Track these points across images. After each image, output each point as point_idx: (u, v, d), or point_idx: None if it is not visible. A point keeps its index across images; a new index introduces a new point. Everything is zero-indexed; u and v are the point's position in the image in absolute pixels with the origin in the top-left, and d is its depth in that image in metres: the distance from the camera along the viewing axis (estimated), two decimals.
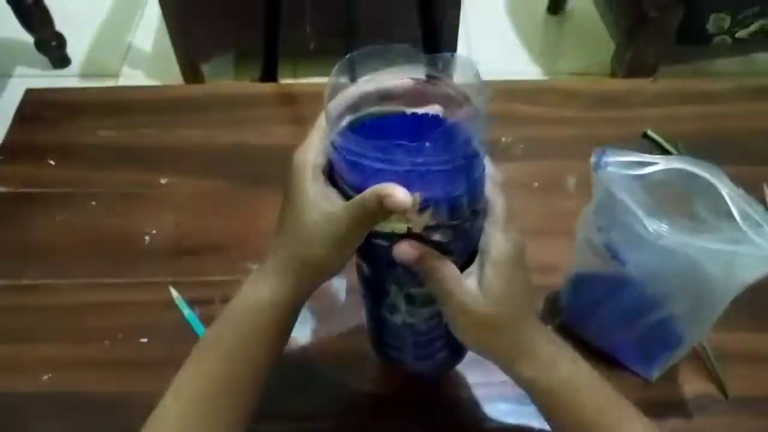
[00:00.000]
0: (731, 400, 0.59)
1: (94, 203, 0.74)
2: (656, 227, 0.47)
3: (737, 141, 0.81)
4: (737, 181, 0.77)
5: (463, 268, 0.42)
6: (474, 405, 0.60)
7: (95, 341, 0.63)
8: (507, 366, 0.45)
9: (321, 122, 0.44)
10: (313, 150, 0.43)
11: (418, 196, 0.37)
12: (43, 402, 0.59)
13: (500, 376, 0.60)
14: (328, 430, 0.58)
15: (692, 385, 0.60)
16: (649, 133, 0.80)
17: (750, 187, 0.75)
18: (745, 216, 0.46)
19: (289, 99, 0.87)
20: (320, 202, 0.40)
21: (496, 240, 0.41)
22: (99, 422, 0.58)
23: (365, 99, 0.42)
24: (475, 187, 0.41)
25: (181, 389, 0.45)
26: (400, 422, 0.58)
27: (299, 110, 0.86)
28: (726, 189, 0.48)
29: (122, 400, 0.59)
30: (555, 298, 0.65)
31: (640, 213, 0.48)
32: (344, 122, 0.42)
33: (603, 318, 0.59)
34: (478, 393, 0.60)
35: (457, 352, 0.54)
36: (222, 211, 0.74)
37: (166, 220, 0.73)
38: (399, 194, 0.36)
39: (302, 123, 0.83)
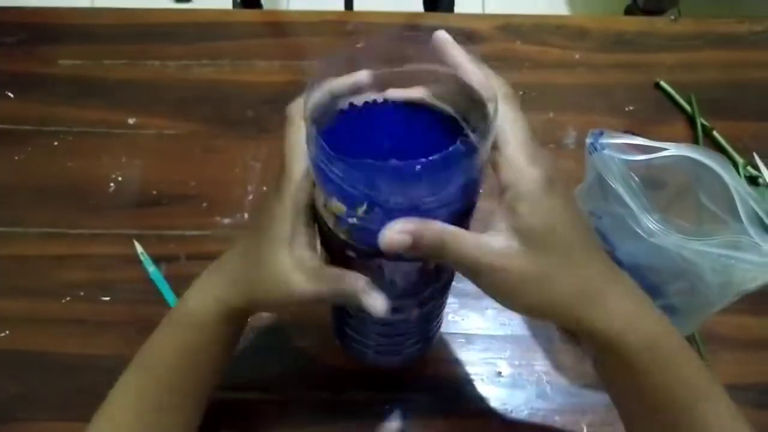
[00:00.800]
0: None
1: (56, 143, 0.69)
2: (649, 225, 0.43)
3: (757, 94, 0.74)
4: (755, 140, 0.72)
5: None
6: (447, 380, 0.57)
7: (54, 297, 0.60)
8: (576, 321, 0.34)
9: (294, 145, 0.36)
10: (296, 182, 0.35)
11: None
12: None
13: (473, 352, 0.59)
14: (298, 401, 0.56)
15: None
16: (662, 84, 0.73)
17: (763, 148, 0.70)
18: (752, 218, 0.42)
19: (274, 29, 0.79)
20: (284, 254, 0.35)
21: (519, 169, 0.31)
22: (57, 384, 0.57)
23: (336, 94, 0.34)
24: (474, 191, 0.34)
25: (128, 393, 0.43)
26: (372, 395, 0.56)
27: (285, 42, 0.78)
28: (735, 185, 0.43)
29: (83, 362, 0.58)
30: None
31: (633, 207, 0.43)
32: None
33: None
34: (452, 368, 0.58)
35: (427, 343, 0.51)
36: (194, 156, 0.69)
37: (133, 166, 0.68)
38: (379, 304, 0.33)
39: (288, 57, 0.76)
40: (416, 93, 0.34)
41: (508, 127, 0.32)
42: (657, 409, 0.36)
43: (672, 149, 0.45)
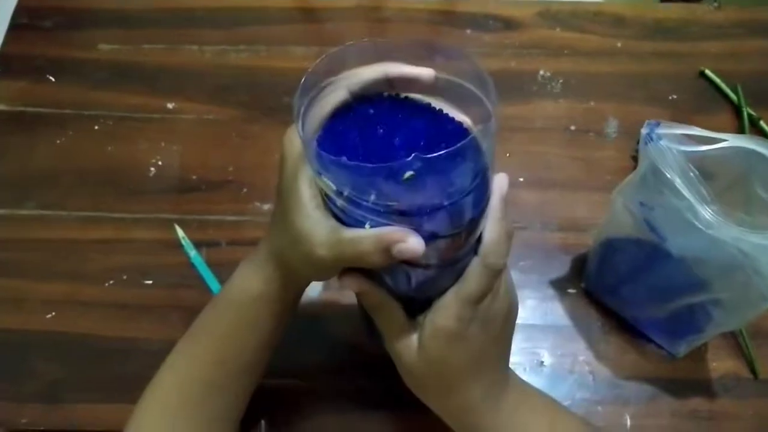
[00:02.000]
0: (760, 380, 0.56)
1: (96, 127, 0.69)
2: (708, 216, 0.42)
3: None
4: None
5: (424, 304, 0.37)
6: None
7: (97, 281, 0.61)
8: (438, 410, 0.42)
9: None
10: (299, 145, 0.36)
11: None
12: (44, 341, 0.58)
13: (515, 342, 0.58)
14: (334, 389, 0.56)
15: (721, 363, 0.57)
16: (707, 72, 0.72)
17: None
18: None
19: (310, 15, 0.79)
20: (310, 220, 0.34)
21: (446, 311, 0.35)
22: (100, 367, 0.57)
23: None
24: (479, 219, 0.34)
25: (178, 370, 0.44)
26: (395, 384, 0.56)
27: (321, 28, 0.78)
28: None
29: (124, 346, 0.58)
30: (581, 261, 0.61)
31: (691, 198, 0.42)
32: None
33: (633, 291, 0.55)
34: None
35: None
36: (232, 142, 0.69)
37: (172, 150, 0.68)
38: (412, 243, 0.31)
39: (324, 43, 0.76)
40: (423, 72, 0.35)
41: (471, 279, 0.35)
42: None
43: (730, 140, 0.44)
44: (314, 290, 0.60)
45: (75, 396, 0.56)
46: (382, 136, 0.34)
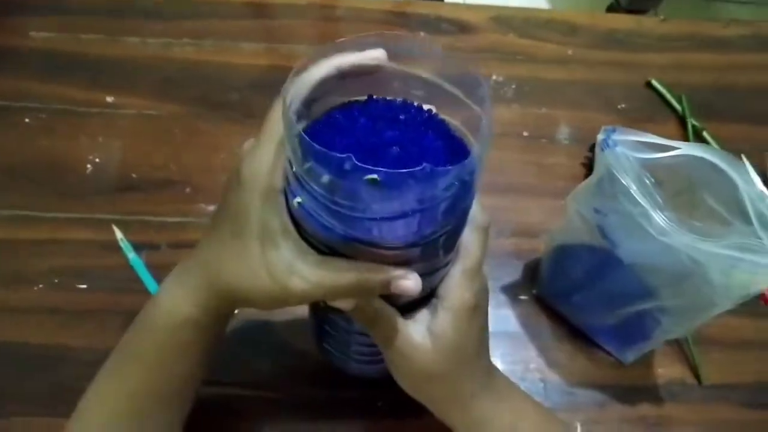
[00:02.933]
0: (704, 387, 0.57)
1: (27, 120, 0.65)
2: (661, 223, 0.42)
3: (745, 97, 0.75)
4: (744, 142, 0.73)
5: (405, 308, 0.36)
6: None
7: (27, 284, 0.57)
8: (441, 414, 0.41)
9: (273, 121, 0.34)
10: (268, 164, 0.32)
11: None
12: None
13: None
14: (288, 399, 0.54)
15: (667, 369, 0.58)
16: (653, 83, 0.73)
17: (752, 149, 0.71)
18: (764, 222, 0.41)
19: (260, 10, 0.77)
20: (280, 247, 0.32)
21: (461, 288, 0.36)
22: (30, 377, 0.53)
23: (325, 86, 0.32)
24: (459, 227, 0.33)
25: (105, 399, 0.40)
26: (363, 393, 0.55)
27: (271, 25, 0.76)
28: (747, 187, 0.42)
29: (57, 354, 0.54)
30: (534, 267, 0.61)
31: (646, 205, 0.42)
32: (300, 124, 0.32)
33: (584, 298, 0.55)
34: None
35: None
36: (175, 139, 0.65)
37: (111, 147, 0.64)
38: (411, 283, 0.32)
39: (274, 40, 0.74)
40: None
41: (472, 250, 0.35)
42: None
43: (684, 148, 0.44)
44: None
45: (6, 409, 0.52)
46: (375, 140, 0.31)
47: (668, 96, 0.72)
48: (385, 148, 0.30)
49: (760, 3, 1.86)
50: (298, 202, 0.30)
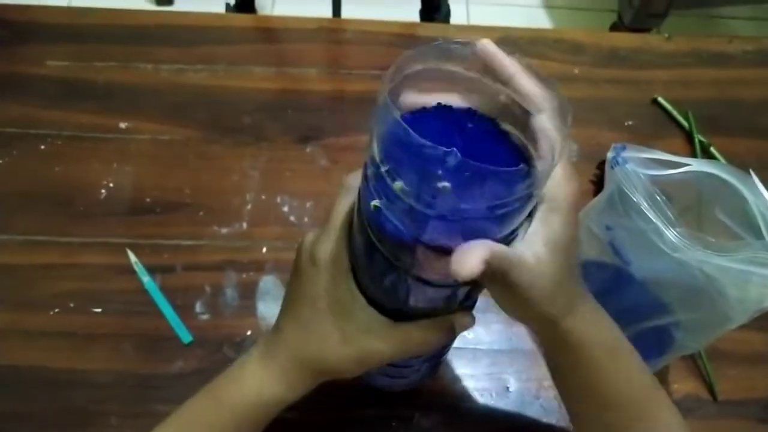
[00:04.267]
0: (720, 402, 0.57)
1: (43, 147, 0.66)
2: (673, 239, 0.42)
3: (751, 111, 0.75)
4: (751, 156, 0.73)
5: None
6: (455, 396, 0.56)
7: (42, 309, 0.57)
8: (555, 321, 0.36)
9: (339, 210, 0.38)
10: (338, 247, 0.37)
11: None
12: None
13: (481, 367, 0.58)
14: (302, 419, 0.54)
15: (681, 385, 0.58)
16: (660, 100, 0.74)
17: (759, 163, 0.71)
18: None
19: (269, 35, 0.78)
20: (356, 317, 0.37)
21: (559, 183, 0.33)
22: (45, 401, 0.53)
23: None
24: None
25: None
26: (380, 413, 0.55)
27: (281, 49, 0.77)
28: (756, 201, 0.42)
29: (72, 378, 0.55)
30: None
31: (657, 221, 0.43)
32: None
33: None
34: (460, 384, 0.57)
35: (435, 368, 0.49)
36: (188, 163, 0.66)
37: (124, 172, 0.65)
38: (469, 320, 0.38)
39: (284, 64, 0.75)
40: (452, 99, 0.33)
41: (568, 180, 0.34)
42: (608, 405, 0.39)
43: (694, 164, 0.45)
44: None
45: None
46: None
47: (674, 112, 0.73)
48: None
49: (763, 18, 1.87)
50: (375, 206, 0.30)
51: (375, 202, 0.30)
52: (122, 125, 0.68)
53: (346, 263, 0.37)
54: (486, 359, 0.58)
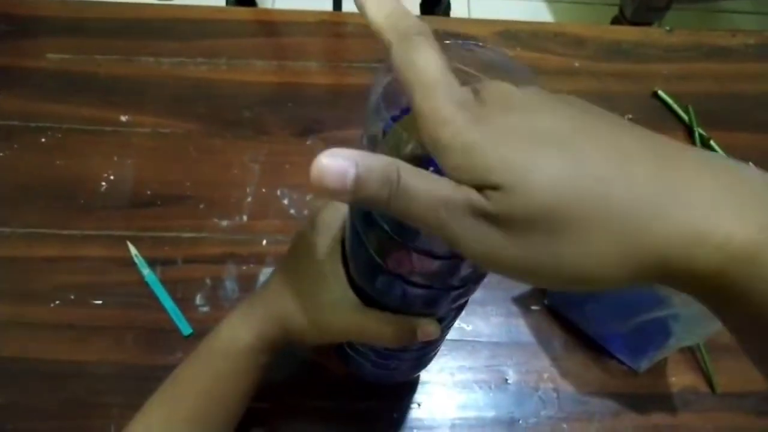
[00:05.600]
0: (718, 395, 0.57)
1: (43, 140, 0.66)
2: None
3: (752, 105, 0.75)
4: (752, 150, 0.73)
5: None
6: (454, 387, 0.56)
7: (43, 301, 0.57)
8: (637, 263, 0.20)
9: None
10: (339, 217, 0.38)
11: None
12: None
13: (480, 359, 0.58)
14: (303, 411, 0.55)
15: (680, 378, 0.58)
16: (660, 93, 0.74)
17: (759, 158, 0.71)
18: None
19: (270, 28, 0.78)
20: (330, 289, 0.37)
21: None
22: (47, 393, 0.54)
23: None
24: None
25: (152, 425, 0.42)
26: (377, 404, 0.55)
27: (281, 42, 0.77)
28: None
29: (72, 370, 0.55)
30: None
31: None
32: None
33: (595, 307, 0.55)
34: (458, 376, 0.57)
35: (427, 361, 0.49)
36: (189, 156, 0.66)
37: (125, 165, 0.65)
38: (433, 329, 0.35)
39: (285, 57, 0.75)
40: None
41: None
42: None
43: None
44: None
45: (19, 425, 0.53)
46: None
47: (675, 106, 0.73)
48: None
49: (765, 13, 1.86)
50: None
51: None
52: (123, 118, 0.68)
53: (339, 234, 0.38)
54: (485, 351, 0.58)
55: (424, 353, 0.46)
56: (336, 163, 0.20)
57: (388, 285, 0.34)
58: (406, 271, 0.31)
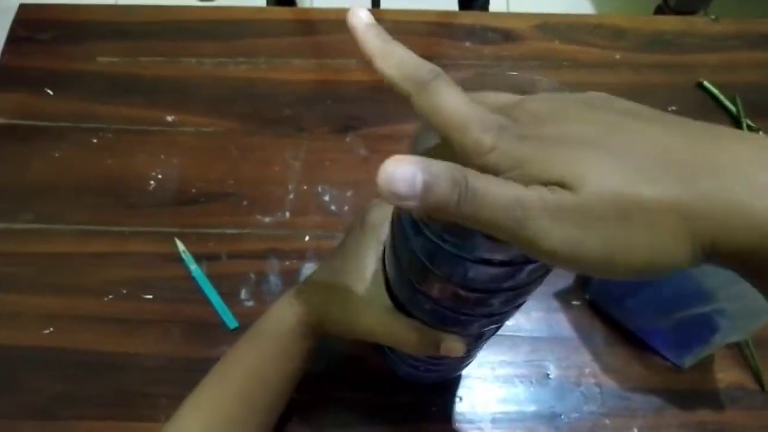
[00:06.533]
0: (767, 392, 0.56)
1: (95, 140, 0.68)
2: None
3: None
4: None
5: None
6: (494, 382, 0.57)
7: (96, 295, 0.60)
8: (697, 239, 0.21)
9: None
10: (385, 218, 0.40)
11: None
12: (41, 357, 0.57)
13: (521, 354, 0.58)
14: (342, 403, 0.56)
15: (727, 374, 0.57)
16: (705, 84, 0.72)
17: None
18: None
19: (309, 27, 0.79)
20: (367, 288, 0.39)
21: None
22: (100, 383, 0.56)
23: None
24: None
25: (201, 403, 0.44)
26: (416, 397, 0.56)
27: (320, 40, 0.78)
28: None
29: (123, 361, 0.57)
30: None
31: None
32: None
33: (638, 303, 0.55)
34: (499, 371, 0.57)
35: (463, 366, 0.49)
36: (231, 155, 0.68)
37: (172, 163, 0.67)
38: (459, 345, 0.36)
39: (323, 55, 0.76)
40: None
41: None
42: None
43: None
44: None
45: (73, 413, 0.55)
46: None
47: (721, 97, 0.71)
48: None
49: None
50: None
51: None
52: (169, 118, 0.70)
53: (384, 236, 0.39)
54: (525, 346, 0.58)
55: (457, 362, 0.47)
56: (403, 168, 0.20)
57: (422, 303, 0.34)
58: (441, 297, 0.31)
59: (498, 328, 0.38)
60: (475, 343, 0.39)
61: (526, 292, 0.31)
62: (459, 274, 0.28)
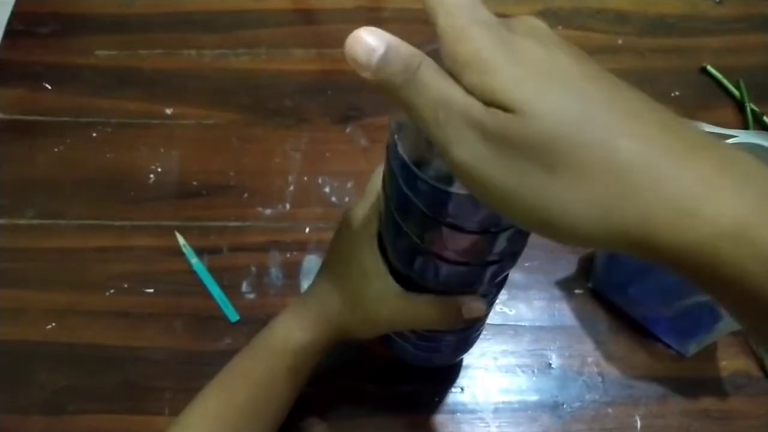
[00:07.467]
0: None
1: (95, 135, 0.68)
2: None
3: None
4: None
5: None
6: (497, 372, 0.57)
7: (98, 289, 0.60)
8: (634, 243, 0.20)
9: (373, 182, 0.41)
10: (369, 215, 0.40)
11: None
12: (46, 352, 0.57)
13: (523, 343, 0.58)
14: (345, 393, 0.56)
15: (730, 362, 0.56)
16: (709, 68, 0.71)
17: None
18: None
19: (309, 16, 0.78)
20: (373, 284, 0.39)
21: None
22: (104, 377, 0.56)
23: None
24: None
25: (208, 412, 0.43)
26: (421, 388, 0.56)
27: (320, 30, 0.77)
28: None
29: (127, 354, 0.57)
30: (588, 261, 0.60)
31: None
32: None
33: (641, 290, 0.55)
34: (501, 360, 0.57)
35: (469, 344, 0.49)
36: (232, 146, 0.68)
37: (172, 156, 0.67)
38: (479, 305, 0.36)
39: (324, 45, 0.75)
40: None
41: None
42: None
43: (741, 136, 0.43)
44: None
45: (78, 406, 0.55)
46: None
47: (725, 81, 0.70)
48: None
49: None
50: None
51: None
52: (168, 111, 0.70)
53: (374, 229, 0.39)
54: (528, 336, 0.58)
55: (466, 335, 0.47)
56: (370, 38, 0.21)
57: (427, 265, 0.35)
58: (442, 249, 0.32)
59: (505, 278, 0.40)
60: (489, 299, 0.40)
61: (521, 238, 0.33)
62: (455, 213, 0.29)
